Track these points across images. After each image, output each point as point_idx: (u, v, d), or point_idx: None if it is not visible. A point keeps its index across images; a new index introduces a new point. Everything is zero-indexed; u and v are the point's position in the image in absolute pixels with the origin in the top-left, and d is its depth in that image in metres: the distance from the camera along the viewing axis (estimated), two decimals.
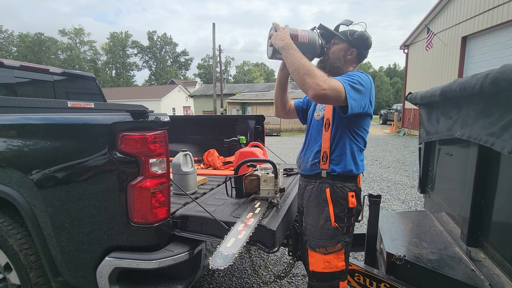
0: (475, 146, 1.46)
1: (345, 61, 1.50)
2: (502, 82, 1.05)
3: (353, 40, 1.47)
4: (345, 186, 1.41)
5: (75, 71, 3.66)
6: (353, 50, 1.49)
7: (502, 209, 1.35)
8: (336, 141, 1.43)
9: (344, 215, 1.40)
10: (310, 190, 1.49)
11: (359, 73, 1.37)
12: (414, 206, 4.28)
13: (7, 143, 1.45)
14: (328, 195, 1.41)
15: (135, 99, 35.46)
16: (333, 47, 1.50)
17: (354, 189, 1.43)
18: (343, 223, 1.39)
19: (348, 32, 1.48)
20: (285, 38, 1.34)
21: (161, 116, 1.34)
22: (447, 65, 11.77)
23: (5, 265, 1.54)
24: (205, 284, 2.39)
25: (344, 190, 1.41)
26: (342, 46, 1.49)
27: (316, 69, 1.25)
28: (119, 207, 1.28)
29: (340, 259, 1.38)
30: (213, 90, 23.86)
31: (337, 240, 1.38)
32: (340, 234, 1.38)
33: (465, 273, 1.37)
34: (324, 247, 1.38)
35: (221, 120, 3.56)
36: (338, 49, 1.49)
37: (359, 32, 1.47)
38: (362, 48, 1.49)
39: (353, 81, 1.29)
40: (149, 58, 69.27)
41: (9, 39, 53.59)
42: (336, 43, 1.50)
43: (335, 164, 1.42)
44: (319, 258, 1.38)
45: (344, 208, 1.40)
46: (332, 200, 1.40)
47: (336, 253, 1.37)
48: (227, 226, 1.32)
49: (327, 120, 1.45)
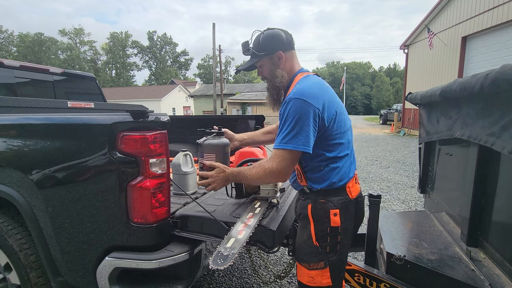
0: (475, 146, 1.46)
1: (282, 69, 1.38)
2: (502, 82, 1.05)
3: (265, 47, 1.35)
4: (329, 201, 1.29)
5: (75, 71, 3.66)
6: (277, 55, 1.36)
7: (502, 209, 1.35)
8: (305, 158, 1.31)
9: (327, 234, 1.27)
10: (299, 204, 1.42)
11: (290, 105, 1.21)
12: (414, 206, 4.28)
13: (7, 143, 1.45)
14: (309, 212, 1.30)
15: (135, 99, 35.48)
16: (262, 70, 1.42)
17: (339, 205, 1.28)
18: (325, 242, 1.28)
19: (254, 47, 1.37)
20: (219, 175, 1.31)
21: (161, 116, 1.34)
22: (447, 65, 11.77)
23: (5, 265, 1.54)
24: (205, 284, 2.39)
25: (326, 207, 1.28)
26: (264, 62, 1.39)
27: (262, 164, 1.25)
28: (119, 207, 1.28)
29: (324, 276, 1.28)
30: (213, 90, 23.87)
31: (320, 258, 1.28)
32: (323, 253, 1.28)
33: (465, 273, 1.37)
34: (307, 262, 1.30)
35: (221, 120, 3.56)
36: (266, 68, 1.40)
37: (262, 38, 1.36)
38: (280, 44, 1.35)
39: (286, 129, 1.20)
40: (149, 58, 69.34)
41: (9, 39, 53.67)
42: (260, 65, 1.41)
43: (312, 181, 1.32)
44: (304, 272, 1.33)
45: (326, 227, 1.27)
46: (313, 217, 1.30)
47: (319, 270, 1.28)
48: (227, 226, 1.32)
49: None
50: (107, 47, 63.24)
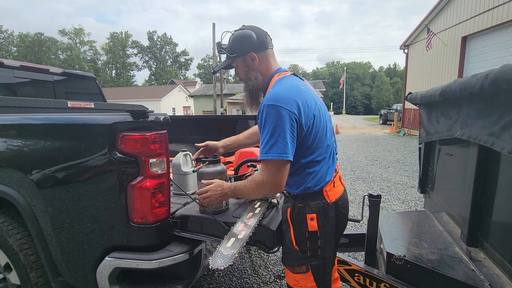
0: (475, 146, 1.46)
1: (257, 71, 1.34)
2: (502, 82, 1.05)
3: (236, 49, 1.31)
4: (306, 206, 1.26)
5: (75, 71, 3.66)
6: (249, 56, 1.31)
7: (502, 209, 1.35)
8: None
9: (306, 238, 1.26)
10: (282, 207, 1.40)
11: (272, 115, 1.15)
12: (414, 206, 4.28)
13: (7, 143, 1.45)
14: (288, 216, 1.30)
15: (135, 99, 35.48)
16: (237, 71, 1.39)
17: (316, 209, 1.25)
18: (305, 247, 1.26)
19: (226, 48, 1.33)
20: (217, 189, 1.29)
21: (161, 116, 1.34)
22: (447, 65, 11.77)
23: (5, 265, 1.54)
24: (205, 284, 2.39)
25: (303, 211, 1.26)
26: (238, 63, 1.35)
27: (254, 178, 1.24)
28: (119, 207, 1.28)
29: (308, 280, 1.28)
30: (213, 90, 23.86)
31: (302, 263, 1.27)
32: (304, 257, 1.26)
33: (465, 273, 1.37)
34: (291, 266, 1.31)
35: (221, 120, 3.56)
36: (241, 70, 1.37)
37: (232, 39, 1.32)
38: (250, 44, 1.30)
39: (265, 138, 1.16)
40: (149, 58, 69.31)
41: (9, 39, 53.66)
42: (236, 66, 1.37)
43: (288, 185, 1.30)
44: (290, 275, 1.33)
45: (304, 231, 1.26)
46: (292, 222, 1.29)
47: (302, 274, 1.28)
48: (227, 226, 1.32)
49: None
50: (107, 47, 63.23)
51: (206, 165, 1.46)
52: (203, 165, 1.47)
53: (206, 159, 1.50)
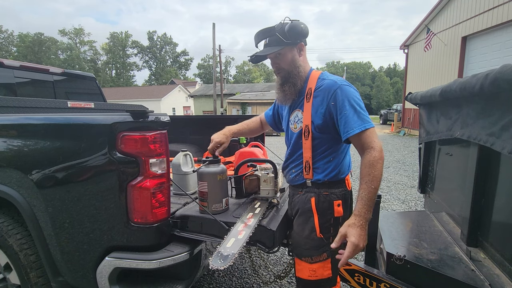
0: (475, 146, 1.46)
1: (301, 61, 1.38)
2: (502, 82, 1.05)
3: (291, 36, 1.31)
4: (332, 193, 1.34)
5: (75, 71, 3.66)
6: (299, 46, 1.37)
7: (502, 209, 1.35)
8: (318, 148, 1.34)
9: (330, 225, 1.33)
10: (297, 199, 1.43)
11: (352, 92, 1.26)
12: (414, 206, 4.28)
13: (7, 143, 1.45)
14: (313, 205, 1.33)
15: (135, 99, 35.46)
16: (280, 60, 1.37)
17: (341, 196, 1.35)
18: (329, 233, 1.32)
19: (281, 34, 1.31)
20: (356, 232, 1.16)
21: (161, 116, 1.34)
22: (447, 65, 11.77)
23: (5, 265, 1.54)
24: (205, 284, 2.39)
25: (330, 198, 1.33)
26: (286, 51, 1.35)
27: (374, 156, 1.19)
28: (119, 207, 1.28)
29: (326, 268, 1.33)
30: (213, 90, 23.87)
31: (323, 250, 1.32)
32: (326, 244, 1.31)
33: (465, 273, 1.37)
34: (309, 256, 1.33)
35: (221, 120, 3.56)
36: (287, 58, 1.36)
37: (289, 26, 1.30)
38: (304, 36, 1.35)
39: (357, 109, 1.24)
40: (149, 58, 69.29)
41: (9, 39, 53.64)
42: (279, 54, 1.36)
43: (319, 172, 1.35)
44: (305, 267, 1.34)
45: (330, 218, 1.33)
46: (317, 210, 1.33)
47: (322, 262, 1.32)
48: (227, 226, 1.32)
49: (306, 127, 1.35)
50: (107, 47, 63.21)
51: (206, 165, 1.46)
52: (203, 165, 1.47)
53: (206, 159, 1.50)
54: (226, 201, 1.49)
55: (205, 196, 1.43)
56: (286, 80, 1.39)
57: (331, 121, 1.30)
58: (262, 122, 1.80)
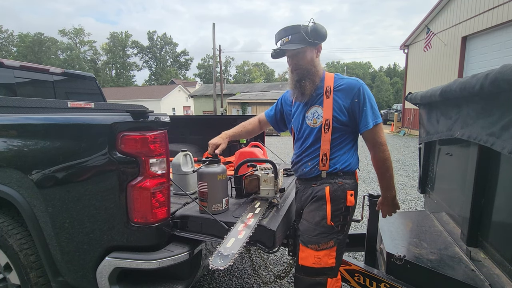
0: (475, 146, 1.46)
1: (317, 61, 1.51)
2: (502, 82, 1.05)
3: (315, 37, 1.42)
4: (346, 183, 1.45)
5: (75, 71, 3.66)
6: (318, 48, 1.49)
7: (502, 209, 1.35)
8: (336, 141, 1.46)
9: (341, 213, 1.42)
10: (310, 190, 1.50)
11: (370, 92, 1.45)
12: (414, 206, 4.28)
13: (7, 143, 1.45)
14: (327, 193, 1.42)
15: (135, 99, 35.45)
16: (299, 58, 1.47)
17: (353, 187, 1.47)
18: (339, 221, 1.41)
19: (305, 33, 1.41)
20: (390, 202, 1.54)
21: (161, 116, 1.34)
22: (447, 65, 11.77)
23: (5, 265, 1.54)
24: (205, 284, 2.39)
25: (344, 188, 1.43)
26: (307, 50, 1.46)
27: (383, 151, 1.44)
28: (119, 207, 1.28)
29: (331, 256, 1.38)
30: (213, 90, 23.87)
31: (330, 237, 1.38)
32: (335, 232, 1.40)
33: (465, 273, 1.37)
34: (317, 243, 1.38)
35: (221, 120, 3.56)
36: (307, 56, 1.47)
37: (314, 27, 1.41)
38: (323, 38, 1.46)
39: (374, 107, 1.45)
40: (149, 58, 69.26)
41: (9, 39, 53.60)
42: (300, 52, 1.46)
43: (335, 163, 1.45)
44: (310, 254, 1.38)
45: (342, 206, 1.42)
46: (331, 198, 1.42)
47: (328, 249, 1.37)
48: (227, 226, 1.32)
49: (326, 121, 1.45)
50: (107, 47, 63.19)
51: (206, 165, 1.46)
52: (203, 165, 1.47)
53: (206, 158, 1.50)
54: (226, 201, 1.49)
55: (205, 196, 1.43)
56: (303, 76, 1.48)
57: (352, 116, 1.45)
58: (261, 122, 1.82)
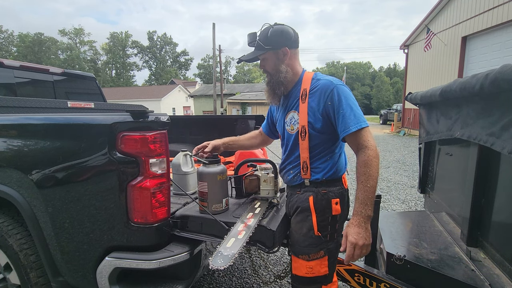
0: (475, 146, 1.46)
1: (287, 65, 1.39)
2: (502, 82, 1.05)
3: (272, 41, 1.34)
4: (330, 191, 1.35)
5: (75, 71, 3.66)
6: (282, 51, 1.36)
7: (502, 209, 1.35)
8: (316, 149, 1.36)
9: (328, 223, 1.34)
10: (295, 199, 1.43)
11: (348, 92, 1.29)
12: (414, 206, 4.28)
13: (7, 143, 1.45)
14: (311, 203, 1.34)
15: (135, 99, 35.46)
16: (265, 63, 1.41)
17: (338, 194, 1.36)
18: (326, 231, 1.34)
19: (261, 39, 1.35)
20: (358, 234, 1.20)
21: (161, 116, 1.34)
22: (447, 65, 11.76)
23: (5, 265, 1.54)
24: (205, 284, 2.39)
25: (328, 197, 1.34)
26: (269, 56, 1.38)
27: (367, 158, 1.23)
28: (119, 207, 1.28)
29: (323, 265, 1.34)
30: (213, 90, 23.87)
31: (320, 248, 1.33)
32: (323, 242, 1.33)
33: (465, 273, 1.37)
34: (307, 254, 1.34)
35: (221, 120, 3.56)
36: (270, 62, 1.40)
37: (271, 31, 1.34)
38: (287, 40, 1.36)
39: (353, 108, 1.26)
40: (149, 58, 69.30)
41: (9, 39, 53.64)
42: (263, 59, 1.40)
43: (317, 172, 1.36)
44: (302, 264, 1.35)
45: (328, 216, 1.34)
46: (316, 209, 1.34)
47: (319, 259, 1.33)
48: (227, 226, 1.32)
49: (302, 128, 1.35)
50: (107, 47, 63.20)
51: (206, 165, 1.46)
52: (203, 165, 1.47)
53: (206, 159, 1.50)
54: (226, 201, 1.49)
55: (205, 196, 1.43)
56: (268, 82, 1.44)
57: (328, 121, 1.31)
58: (262, 134, 1.80)
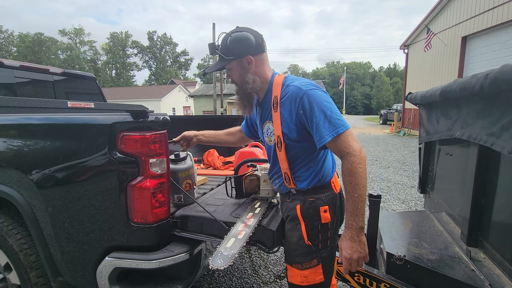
0: (475, 146, 1.46)
1: (254, 73, 1.29)
2: (502, 82, 1.05)
3: (233, 51, 1.25)
4: (318, 199, 1.28)
5: (75, 71, 3.66)
6: (246, 59, 1.26)
7: (502, 209, 1.35)
8: (296, 159, 1.29)
9: (318, 231, 1.28)
10: (285, 206, 1.40)
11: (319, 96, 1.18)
12: (414, 206, 4.28)
13: (7, 143, 1.45)
14: (299, 213, 1.29)
15: (135, 99, 35.45)
16: (231, 73, 1.33)
17: (328, 201, 1.29)
18: (317, 240, 1.28)
19: (222, 50, 1.26)
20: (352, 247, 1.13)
21: (161, 116, 1.34)
22: (447, 65, 11.76)
23: (5, 265, 1.54)
24: (205, 284, 2.39)
25: (315, 205, 1.28)
26: (233, 66, 1.30)
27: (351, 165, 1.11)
28: (119, 207, 1.28)
29: (317, 273, 1.29)
30: (213, 90, 23.85)
31: (312, 257, 1.28)
32: (315, 250, 1.28)
33: (465, 273, 1.37)
34: (300, 263, 1.29)
35: (221, 120, 3.56)
36: (235, 73, 1.31)
37: (229, 41, 1.25)
38: (249, 48, 1.25)
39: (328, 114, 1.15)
40: (149, 58, 69.29)
41: (9, 39, 53.64)
42: (229, 69, 1.32)
43: (301, 181, 1.30)
44: (296, 273, 1.31)
45: (317, 225, 1.27)
46: (303, 217, 1.28)
47: (312, 268, 1.28)
48: (227, 226, 1.32)
49: (278, 138, 1.28)
50: (107, 47, 63.20)
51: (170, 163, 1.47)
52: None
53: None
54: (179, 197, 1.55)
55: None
56: (237, 92, 1.36)
57: (303, 130, 1.23)
58: (242, 136, 1.76)
